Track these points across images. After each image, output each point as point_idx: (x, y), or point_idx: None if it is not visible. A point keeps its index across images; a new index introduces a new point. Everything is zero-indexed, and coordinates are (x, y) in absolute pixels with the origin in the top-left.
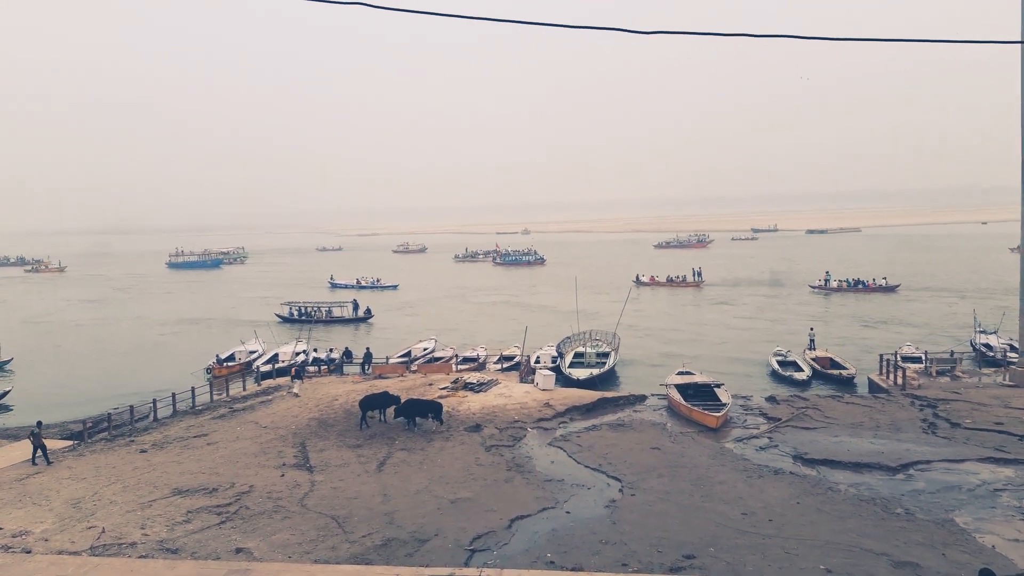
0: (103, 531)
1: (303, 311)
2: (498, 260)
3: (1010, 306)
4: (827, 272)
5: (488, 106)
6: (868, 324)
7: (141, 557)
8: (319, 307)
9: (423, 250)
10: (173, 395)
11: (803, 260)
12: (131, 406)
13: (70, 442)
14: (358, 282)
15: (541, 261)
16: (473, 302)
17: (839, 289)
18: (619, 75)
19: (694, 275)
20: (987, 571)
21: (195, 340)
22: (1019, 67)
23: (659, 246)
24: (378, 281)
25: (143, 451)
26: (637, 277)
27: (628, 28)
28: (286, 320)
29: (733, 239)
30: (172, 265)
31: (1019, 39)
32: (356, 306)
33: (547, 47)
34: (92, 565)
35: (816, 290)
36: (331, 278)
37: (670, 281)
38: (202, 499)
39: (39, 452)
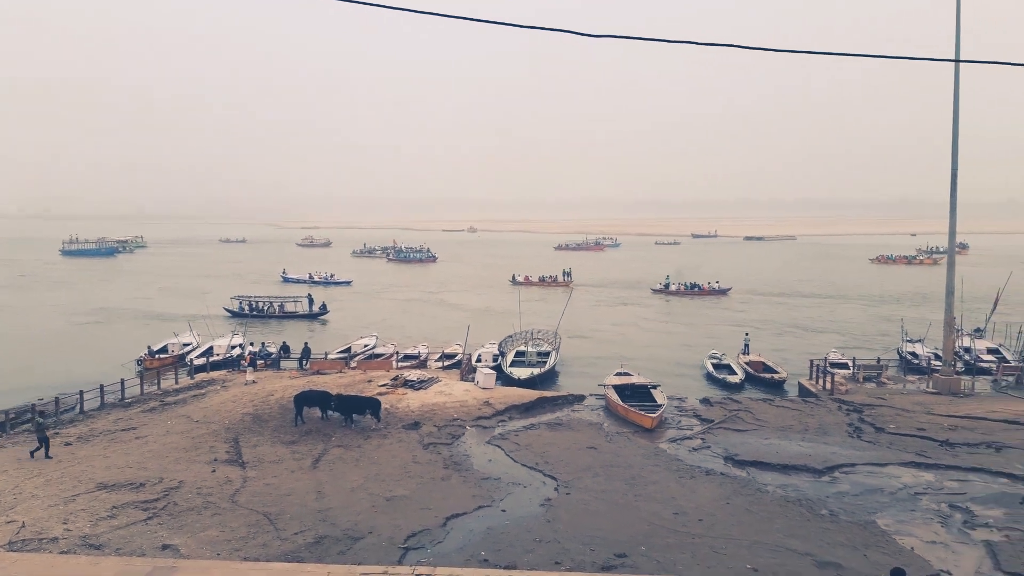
0: (23, 526)
1: (254, 305)
2: (391, 256)
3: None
4: (667, 276)
5: (444, 94)
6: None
7: (63, 553)
8: (271, 302)
9: (328, 244)
10: (101, 387)
11: (712, 264)
12: (56, 397)
13: None
14: (311, 277)
15: (433, 259)
16: (388, 298)
17: (677, 292)
18: (574, 79)
19: (563, 275)
20: (898, 571)
21: (116, 331)
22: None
23: (558, 248)
24: (331, 276)
25: (67, 444)
26: (513, 276)
27: (576, 31)
28: (236, 315)
29: (656, 243)
30: (66, 252)
31: (953, 58)
32: (311, 301)
33: (501, 43)
34: (10, 560)
35: (656, 292)
36: (283, 272)
37: (542, 280)
38: (128, 494)
39: (42, 446)
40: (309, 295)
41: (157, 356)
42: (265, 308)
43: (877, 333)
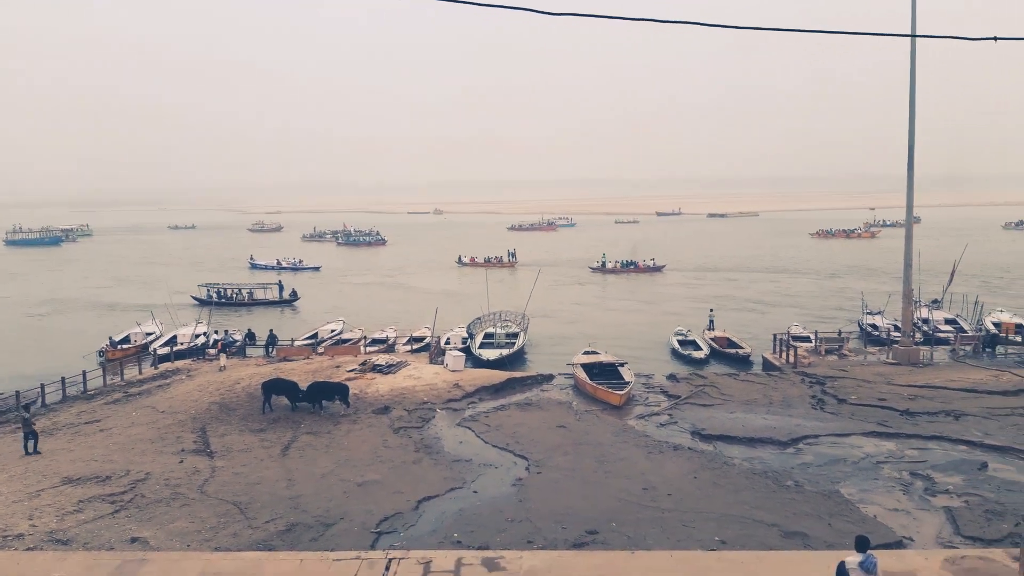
0: None
1: (222, 293)
2: (340, 241)
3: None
4: (603, 254)
5: (413, 79)
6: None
7: (28, 549)
8: (239, 289)
9: (279, 229)
10: (63, 379)
11: (669, 243)
12: (17, 391)
13: None
14: (278, 263)
15: (382, 242)
16: (348, 283)
17: (613, 270)
18: (540, 57)
19: (508, 256)
20: (863, 538)
21: (72, 322)
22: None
23: (511, 228)
24: (300, 262)
25: None
26: (459, 258)
27: (533, 8)
28: (204, 303)
29: (616, 222)
30: (9, 242)
31: (908, 32)
32: (281, 288)
33: (476, 27)
34: None
35: (594, 270)
36: (251, 259)
37: (487, 261)
38: (94, 488)
39: (31, 441)
40: (279, 281)
41: (119, 347)
42: (234, 295)
43: (830, 307)
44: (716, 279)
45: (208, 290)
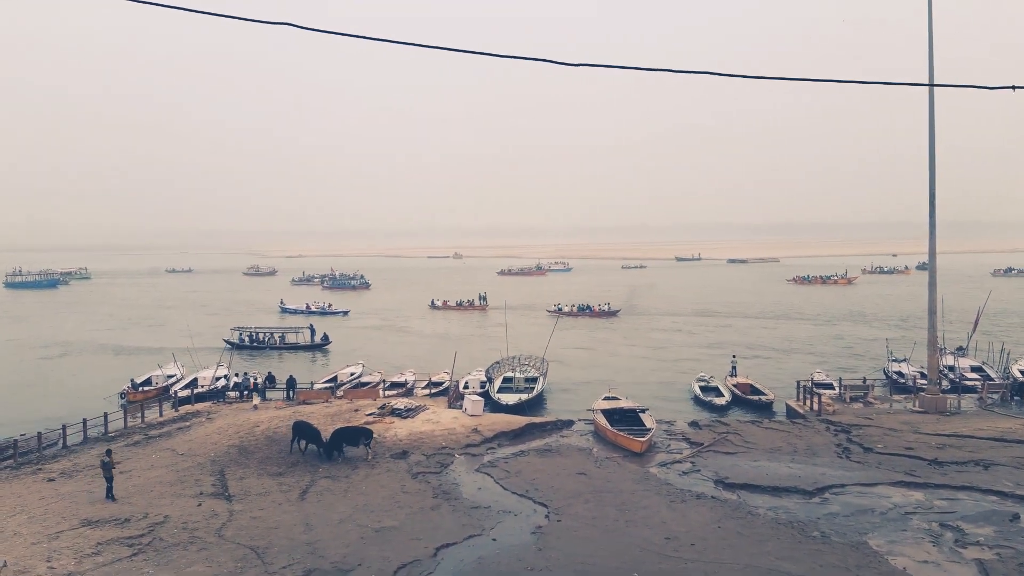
0: (5, 564)
1: (254, 337)
2: (327, 284)
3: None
4: (558, 303)
5: (432, 122)
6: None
7: None
8: (271, 333)
9: (273, 273)
10: (84, 421)
11: (672, 287)
12: (39, 432)
13: None
14: (308, 307)
15: (366, 286)
16: (358, 327)
17: (570, 313)
18: (552, 104)
19: (479, 300)
20: None
21: (85, 364)
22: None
23: (501, 272)
24: (329, 306)
25: (51, 480)
26: (432, 301)
27: (555, 60)
28: (236, 346)
29: (623, 267)
30: (9, 285)
31: (927, 82)
32: (313, 332)
33: (479, 71)
34: None
35: (551, 314)
36: (281, 303)
37: (459, 305)
38: (113, 530)
39: (110, 484)
40: (311, 326)
41: (141, 389)
42: (266, 339)
43: (835, 353)
44: (714, 324)
45: (240, 334)
